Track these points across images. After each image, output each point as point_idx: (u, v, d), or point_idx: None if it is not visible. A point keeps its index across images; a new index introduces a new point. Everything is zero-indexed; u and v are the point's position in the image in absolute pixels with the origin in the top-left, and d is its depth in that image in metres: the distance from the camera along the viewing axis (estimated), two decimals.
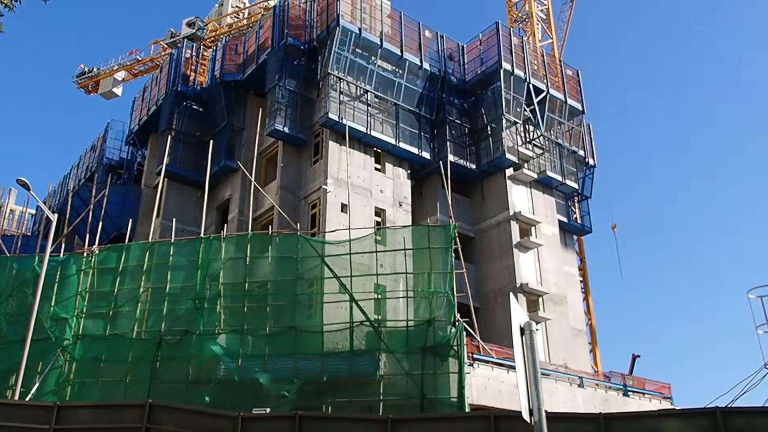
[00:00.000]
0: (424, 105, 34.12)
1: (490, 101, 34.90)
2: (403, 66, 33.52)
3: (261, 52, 34.39)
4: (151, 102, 38.97)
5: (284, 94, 31.99)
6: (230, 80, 35.71)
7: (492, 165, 34.09)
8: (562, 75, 37.88)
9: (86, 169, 43.68)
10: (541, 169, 35.14)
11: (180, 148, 35.48)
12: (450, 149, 33.42)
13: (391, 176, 32.60)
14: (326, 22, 32.61)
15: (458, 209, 32.87)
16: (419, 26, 34.94)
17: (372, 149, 32.32)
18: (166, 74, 38.00)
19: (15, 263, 25.55)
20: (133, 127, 41.03)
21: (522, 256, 32.69)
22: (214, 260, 23.31)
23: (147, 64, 53.44)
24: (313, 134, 32.33)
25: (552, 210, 35.63)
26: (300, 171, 32.22)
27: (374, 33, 33.08)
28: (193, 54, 38.77)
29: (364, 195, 30.76)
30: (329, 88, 31.09)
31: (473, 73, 35.91)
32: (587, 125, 39.72)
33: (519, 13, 45.80)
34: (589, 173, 38.73)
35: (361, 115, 31.76)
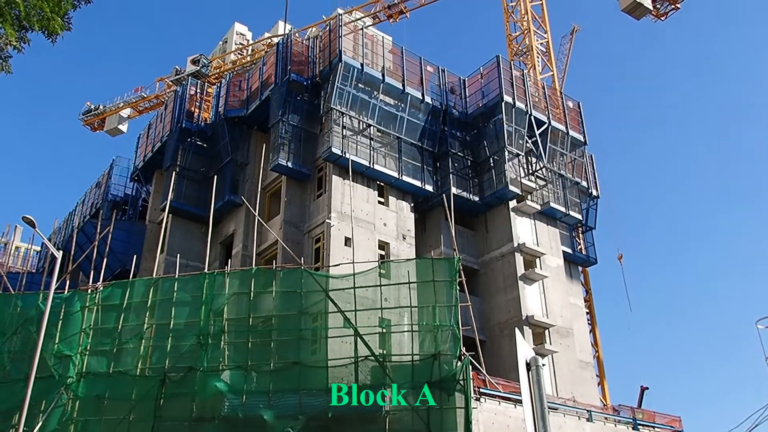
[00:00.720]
0: (427, 138, 34.33)
1: (492, 134, 35.09)
2: (405, 100, 33.81)
3: (264, 88, 34.75)
4: (156, 139, 39.29)
5: (287, 129, 32.24)
6: (234, 116, 36.03)
7: (495, 197, 34.14)
8: (563, 107, 38.13)
9: (91, 206, 43.89)
10: (545, 200, 35.17)
11: (184, 184, 35.66)
12: (453, 182, 33.54)
13: (395, 209, 32.65)
14: (329, 58, 33.01)
15: (462, 242, 32.83)
16: (421, 61, 35.33)
17: (375, 183, 32.43)
18: (171, 111, 38.39)
19: (19, 301, 25.53)
20: (138, 163, 41.31)
21: (527, 288, 32.53)
22: (218, 296, 23.26)
23: (152, 101, 54.03)
24: (317, 169, 32.49)
25: (556, 241, 35.56)
26: (303, 205, 32.30)
27: (376, 68, 33.44)
28: (197, 91, 39.20)
29: (367, 228, 30.77)
30: (332, 122, 31.34)
31: (475, 106, 36.19)
32: (589, 156, 39.83)
33: (519, 46, 46.27)
34: (592, 204, 38.73)
35: (364, 149, 31.95)
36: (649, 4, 51.53)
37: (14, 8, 8.16)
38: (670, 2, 53.12)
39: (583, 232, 38.91)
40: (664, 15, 53.86)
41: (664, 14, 53.84)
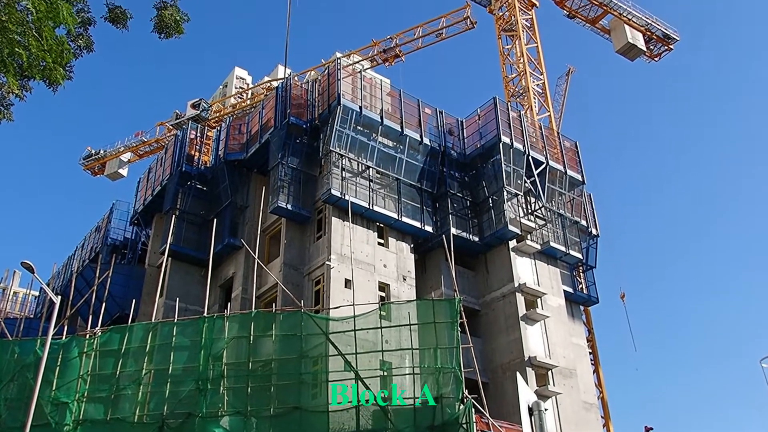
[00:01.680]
0: (426, 179, 34.47)
1: (491, 174, 35.25)
2: (403, 142, 34.06)
3: (264, 131, 35.04)
4: (156, 182, 39.44)
5: (287, 172, 32.39)
6: (234, 159, 36.24)
7: (495, 237, 34.11)
8: (561, 147, 38.39)
9: (90, 250, 43.81)
10: (545, 240, 35.14)
11: (184, 227, 35.67)
12: (452, 222, 33.56)
13: (395, 251, 32.60)
14: (327, 101, 33.37)
15: (462, 282, 32.67)
16: (418, 103, 35.70)
17: (375, 224, 32.45)
18: (171, 155, 38.62)
19: (17, 347, 25.27)
20: (137, 207, 41.39)
21: (529, 328, 32.27)
22: (218, 340, 23.03)
23: (152, 145, 54.44)
24: (316, 211, 32.55)
25: (557, 281, 35.40)
26: (303, 247, 32.26)
27: (375, 111, 33.77)
28: (197, 135, 39.50)
29: (367, 270, 30.68)
30: (331, 165, 31.51)
31: (473, 147, 36.44)
32: (588, 195, 39.93)
33: (516, 87, 46.82)
34: (592, 243, 38.67)
35: (364, 191, 32.05)
36: (642, 45, 52.42)
37: (17, 58, 8.28)
38: (663, 44, 54.07)
39: (584, 271, 38.76)
40: (657, 56, 54.77)
41: (658, 55, 54.75)
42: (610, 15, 52.13)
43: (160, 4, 13.87)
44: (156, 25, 13.89)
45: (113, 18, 13.91)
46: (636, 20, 52.34)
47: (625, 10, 52.01)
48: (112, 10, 13.99)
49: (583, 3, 51.65)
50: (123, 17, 13.92)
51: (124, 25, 13.96)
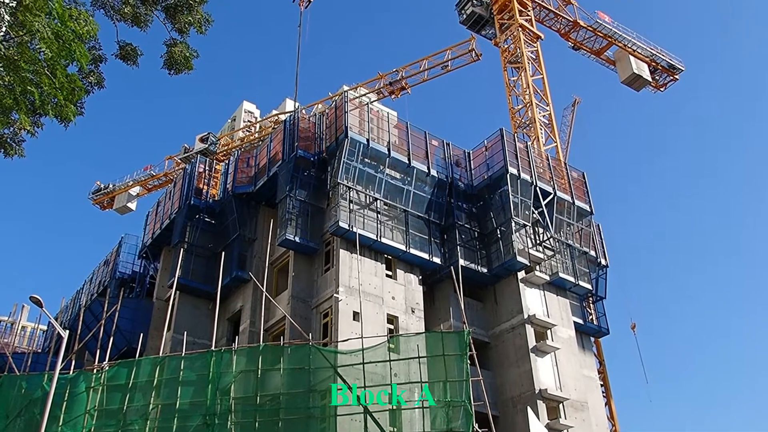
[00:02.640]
0: (433, 211, 34.48)
1: (499, 205, 35.22)
2: (411, 173, 34.16)
3: (272, 164, 35.24)
4: (165, 216, 39.61)
5: (295, 205, 32.49)
6: (242, 192, 36.40)
7: (503, 268, 33.95)
8: (568, 177, 38.38)
9: (99, 284, 43.88)
10: (553, 271, 34.93)
11: (192, 261, 35.71)
12: (461, 254, 33.45)
13: (403, 282, 32.48)
14: (335, 134, 33.58)
15: (471, 314, 32.45)
16: (425, 135, 35.87)
17: (383, 256, 32.39)
18: (180, 188, 38.85)
19: (24, 382, 25.22)
20: (146, 240, 41.51)
21: (539, 360, 31.92)
22: (225, 374, 22.94)
23: (161, 179, 54.74)
24: (324, 243, 32.54)
25: (567, 312, 35.10)
26: (311, 280, 32.20)
27: (382, 143, 33.95)
28: (206, 168, 39.78)
29: (376, 302, 30.54)
30: (339, 197, 31.59)
31: (480, 178, 36.48)
32: (597, 225, 39.78)
33: (522, 118, 47.01)
34: (602, 273, 38.40)
35: (371, 223, 32.07)
36: (647, 75, 52.72)
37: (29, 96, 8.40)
38: (669, 74, 54.37)
39: (594, 302, 38.44)
40: (663, 86, 55.04)
41: (663, 85, 55.02)
42: (614, 46, 52.58)
43: (170, 41, 14.12)
44: (166, 62, 14.13)
45: (124, 55, 14.16)
46: (641, 51, 52.73)
47: (630, 41, 52.44)
48: (123, 48, 14.26)
49: (588, 35, 52.10)
50: (133, 54, 14.18)
51: (134, 62, 14.20)
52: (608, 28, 51.71)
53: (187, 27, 13.76)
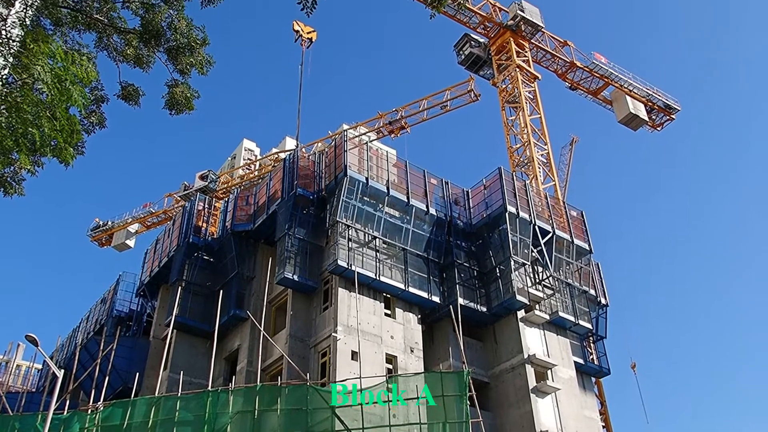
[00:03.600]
0: (432, 249, 34.44)
1: (498, 244, 35.20)
2: (409, 212, 34.22)
3: (271, 202, 35.32)
4: (163, 254, 39.53)
5: (294, 243, 32.46)
6: (241, 230, 36.39)
7: (503, 307, 33.77)
8: (567, 216, 38.43)
9: (95, 322, 43.56)
10: (553, 310, 34.74)
11: (190, 299, 35.52)
12: (460, 292, 33.30)
13: (402, 321, 32.28)
14: (334, 172, 33.73)
15: (471, 354, 32.15)
16: (424, 174, 36.04)
17: (382, 295, 32.25)
18: (179, 226, 38.86)
19: (17, 422, 24.88)
20: (144, 278, 41.34)
21: (540, 401, 31.52)
22: (222, 414, 22.65)
23: (160, 216, 54.80)
24: (323, 281, 32.41)
25: (567, 352, 34.80)
26: (310, 319, 31.99)
27: (381, 181, 34.08)
28: (205, 206, 39.84)
29: (374, 342, 30.30)
30: (338, 235, 31.58)
31: (479, 217, 36.53)
32: (596, 264, 39.69)
33: (520, 157, 47.29)
34: (602, 313, 38.18)
35: (370, 261, 31.99)
36: (644, 115, 53.24)
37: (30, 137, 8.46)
38: (665, 114, 54.90)
39: (594, 341, 38.13)
40: (660, 126, 55.52)
41: (660, 125, 55.51)
42: (611, 86, 53.18)
43: (172, 82, 14.24)
44: (167, 102, 14.24)
45: (126, 95, 14.29)
46: (637, 91, 53.32)
47: (626, 81, 53.06)
48: (125, 88, 14.39)
49: (585, 75, 52.73)
50: (135, 95, 14.31)
51: (136, 102, 14.33)
52: (604, 68, 52.36)
53: (188, 68, 13.89)
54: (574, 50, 52.64)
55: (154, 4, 13.59)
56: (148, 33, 13.38)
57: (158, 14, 13.58)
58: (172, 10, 13.68)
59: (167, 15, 13.67)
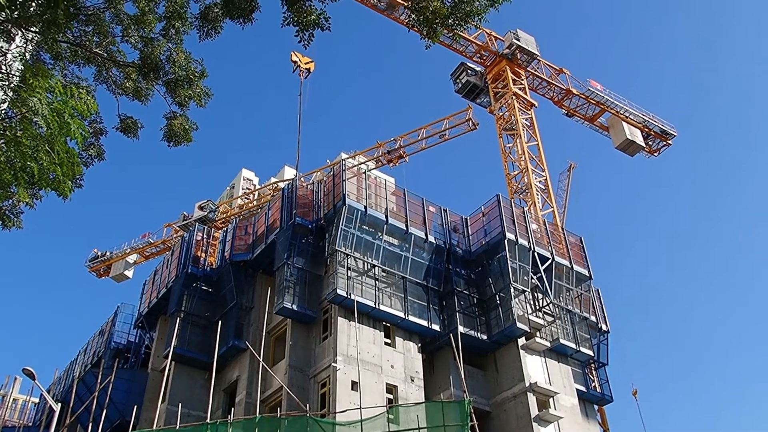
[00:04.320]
0: (432, 277, 34.34)
1: (497, 271, 35.11)
2: (408, 240, 34.18)
3: (270, 232, 35.28)
4: (162, 285, 39.37)
5: (292, 272, 32.36)
6: (240, 260, 36.29)
7: (503, 335, 33.56)
8: (566, 242, 38.39)
9: (93, 354, 43.20)
10: (554, 337, 34.53)
11: (188, 330, 35.30)
12: (460, 320, 33.13)
13: (402, 350, 32.05)
14: (333, 201, 33.77)
15: (472, 382, 31.88)
16: (423, 202, 36.08)
17: (381, 323, 32.08)
18: (178, 257, 38.75)
19: None
20: (142, 309, 41.12)
21: (542, 430, 31.14)
22: None
23: (159, 247, 54.65)
24: (322, 311, 32.25)
25: (569, 379, 34.50)
26: (309, 348, 31.76)
27: (379, 210, 34.10)
28: (203, 236, 39.78)
29: (374, 371, 30.05)
30: (337, 264, 31.50)
31: (478, 244, 36.49)
32: (596, 290, 39.56)
33: (518, 184, 47.41)
34: (603, 339, 37.97)
35: (370, 290, 31.87)
36: (641, 141, 53.48)
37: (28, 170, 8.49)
38: (662, 139, 55.18)
39: (596, 368, 37.86)
40: (656, 151, 55.76)
41: (657, 150, 55.75)
42: (607, 113, 53.50)
43: (170, 114, 14.35)
44: (165, 134, 14.33)
45: (125, 128, 14.39)
46: (633, 117, 53.63)
47: (622, 108, 53.40)
48: (124, 121, 14.50)
49: (581, 102, 53.10)
50: (134, 127, 14.41)
51: (135, 134, 14.43)
52: (600, 95, 52.74)
53: (187, 101, 14.02)
54: (569, 77, 53.11)
55: (153, 38, 13.75)
56: (146, 66, 13.52)
57: (157, 48, 13.74)
58: (170, 44, 13.84)
59: (166, 48, 13.83)
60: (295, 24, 12.01)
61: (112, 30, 14.29)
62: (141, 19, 13.86)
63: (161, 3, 13.67)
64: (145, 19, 13.82)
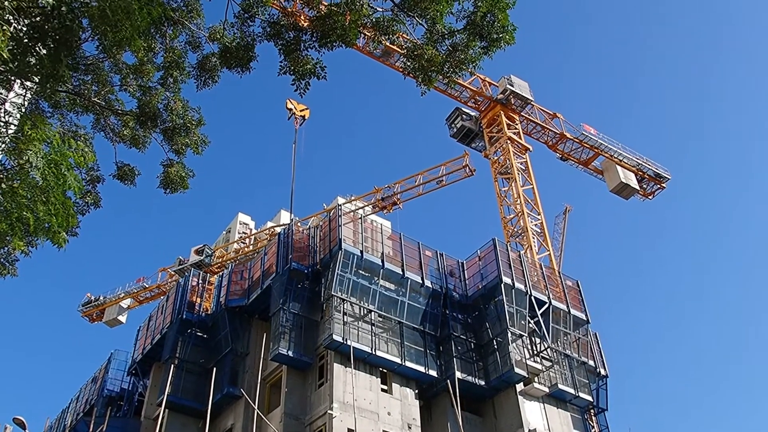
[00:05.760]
0: (428, 322, 34.10)
1: (494, 315, 34.91)
2: (405, 285, 34.04)
3: (266, 277, 35.14)
4: (156, 331, 39.00)
5: (288, 318, 32.12)
6: (235, 306, 36.05)
7: (501, 381, 33.18)
8: (563, 286, 38.28)
9: (86, 402, 42.49)
10: (552, 382, 34.14)
11: (182, 377, 34.83)
12: (457, 366, 32.79)
13: (399, 397, 31.62)
14: (329, 246, 33.72)
15: (470, 429, 31.40)
16: (419, 246, 36.07)
17: (378, 369, 31.72)
18: (173, 302, 38.48)
19: None
20: (136, 356, 40.62)
21: None
22: None
23: (153, 291, 54.30)
24: (318, 357, 31.91)
25: (568, 426, 33.99)
26: (305, 395, 31.32)
27: (376, 254, 34.05)
28: (199, 281, 39.58)
29: (371, 419, 29.59)
30: (333, 309, 31.31)
31: (475, 288, 36.35)
32: (594, 334, 39.25)
33: (514, 228, 47.46)
34: (602, 384, 37.50)
35: (366, 335, 31.61)
36: (635, 184, 53.80)
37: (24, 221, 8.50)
38: (656, 182, 55.51)
39: (596, 414, 37.32)
40: (651, 194, 56.04)
41: (651, 193, 56.03)
42: (601, 156, 53.91)
43: (167, 162, 14.44)
44: (162, 181, 14.40)
45: (121, 175, 14.46)
46: (627, 161, 54.02)
47: (616, 151, 53.82)
48: (121, 168, 14.58)
49: (575, 146, 53.55)
50: (131, 175, 14.49)
51: (131, 182, 14.49)
52: (594, 139, 53.19)
53: (183, 148, 14.13)
54: (563, 122, 53.66)
55: (151, 87, 13.92)
56: (144, 115, 13.66)
57: (155, 96, 13.90)
58: (168, 92, 14.01)
59: (164, 97, 13.99)
60: (292, 73, 12.19)
61: (110, 79, 14.48)
62: (139, 69, 14.06)
63: (160, 53, 13.88)
64: (143, 68, 14.02)
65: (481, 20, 11.80)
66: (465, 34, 12.13)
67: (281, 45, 12.20)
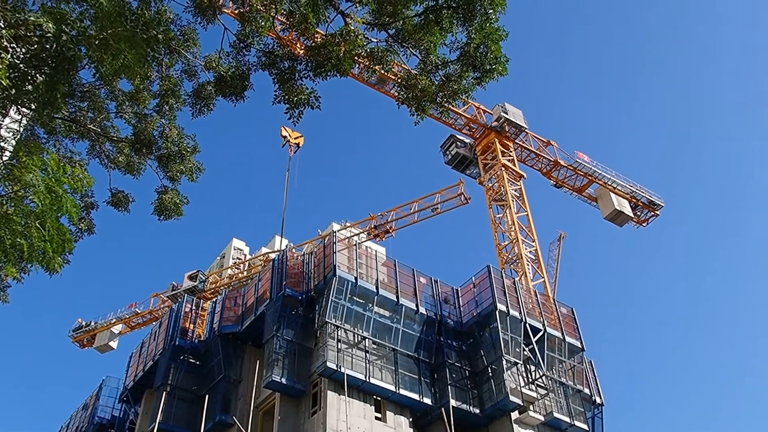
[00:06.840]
0: (423, 349, 33.92)
1: (489, 342, 34.75)
2: (399, 311, 33.93)
3: (260, 303, 34.98)
4: (148, 357, 38.69)
5: (282, 344, 31.92)
6: (228, 332, 35.83)
7: (496, 408, 32.92)
8: (558, 313, 38.17)
9: (76, 430, 42.02)
10: (548, 410, 33.89)
11: (174, 404, 34.51)
12: (452, 393, 32.54)
13: (393, 425, 31.32)
14: (323, 272, 33.64)
15: None
16: (413, 273, 36.00)
17: (372, 397, 31.47)
18: (165, 328, 38.24)
19: None
20: (128, 383, 40.26)
21: None
22: None
23: (145, 317, 53.86)
24: (311, 384, 31.66)
25: None
26: (298, 423, 31.01)
27: (370, 281, 33.96)
28: (192, 307, 39.37)
29: None
30: (327, 336, 31.13)
31: (469, 315, 36.23)
32: (589, 362, 39.05)
33: (509, 255, 47.44)
34: (597, 412, 37.22)
35: (360, 362, 31.41)
36: (629, 212, 53.95)
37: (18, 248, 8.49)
38: (650, 210, 55.71)
39: None
40: (645, 221, 56.20)
41: (645, 221, 56.19)
42: (595, 184, 54.15)
43: (161, 188, 14.46)
44: (156, 208, 14.41)
45: (116, 202, 14.47)
46: (621, 188, 54.25)
47: (610, 179, 54.07)
48: (115, 195, 14.59)
49: (569, 173, 53.79)
50: (125, 201, 14.50)
51: (125, 208, 14.49)
52: (588, 167, 53.48)
53: (178, 175, 14.17)
54: (557, 149, 53.98)
55: (146, 114, 14.00)
56: (140, 142, 13.71)
57: (150, 123, 13.97)
58: (164, 120, 14.08)
59: (159, 124, 14.06)
60: (286, 102, 12.29)
61: (106, 106, 14.56)
62: (135, 96, 14.15)
63: (156, 81, 13.98)
64: (139, 95, 14.11)
65: (475, 51, 11.95)
66: (458, 65, 12.27)
67: (276, 74, 12.32)
